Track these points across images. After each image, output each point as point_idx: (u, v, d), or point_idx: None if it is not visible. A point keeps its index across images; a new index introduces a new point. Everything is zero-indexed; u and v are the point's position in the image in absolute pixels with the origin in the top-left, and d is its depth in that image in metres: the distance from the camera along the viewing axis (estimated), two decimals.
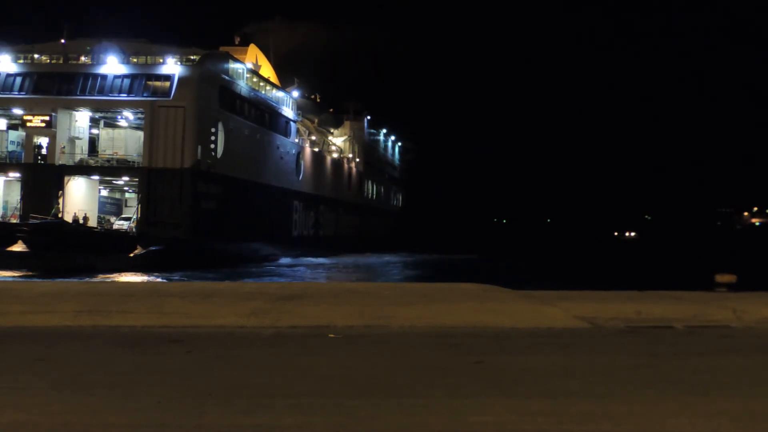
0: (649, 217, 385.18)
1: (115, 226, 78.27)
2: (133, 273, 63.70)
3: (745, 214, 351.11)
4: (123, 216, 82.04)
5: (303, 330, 12.13)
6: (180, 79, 75.57)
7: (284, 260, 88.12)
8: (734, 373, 9.32)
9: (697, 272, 53.87)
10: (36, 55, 78.34)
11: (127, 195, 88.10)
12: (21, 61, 77.93)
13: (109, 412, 7.24)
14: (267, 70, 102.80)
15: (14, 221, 72.17)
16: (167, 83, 75.91)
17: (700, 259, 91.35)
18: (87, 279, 40.67)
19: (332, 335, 11.74)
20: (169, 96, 75.17)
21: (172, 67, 76.37)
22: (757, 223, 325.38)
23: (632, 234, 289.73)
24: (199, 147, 75.92)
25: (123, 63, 76.72)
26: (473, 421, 7.05)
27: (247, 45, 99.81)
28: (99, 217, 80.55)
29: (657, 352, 10.65)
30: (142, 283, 21.95)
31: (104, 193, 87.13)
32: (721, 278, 30.84)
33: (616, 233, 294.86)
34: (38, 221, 69.05)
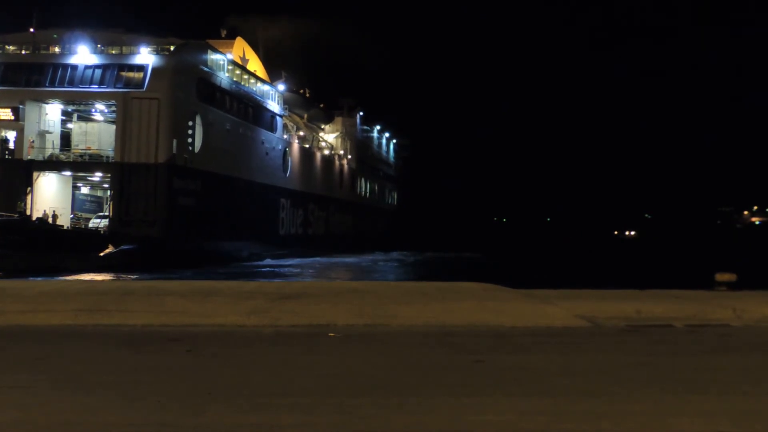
0: (649, 216, 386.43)
1: (91, 224, 77.70)
2: (97, 274, 62.73)
3: (745, 213, 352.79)
4: (100, 214, 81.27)
5: (303, 329, 12.48)
6: (154, 70, 74.28)
7: (268, 260, 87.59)
8: (734, 371, 9.67)
9: (697, 271, 54.35)
10: (6, 45, 77.62)
11: (108, 192, 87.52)
12: None
13: (109, 411, 7.48)
14: (255, 64, 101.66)
15: None
16: (140, 74, 74.66)
17: (700, 258, 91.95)
18: (45, 278, 40.54)
19: (332, 334, 12.08)
20: (142, 87, 74.00)
21: (145, 56, 75.06)
22: (757, 222, 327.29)
23: (632, 233, 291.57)
24: (175, 141, 75.03)
25: (95, 53, 75.63)
26: (474, 420, 7.31)
27: (234, 38, 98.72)
28: (73, 214, 79.96)
29: (657, 351, 11.03)
30: (141, 281, 22.01)
31: (84, 190, 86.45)
32: (721, 277, 31.23)
33: (616, 232, 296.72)
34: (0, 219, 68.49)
